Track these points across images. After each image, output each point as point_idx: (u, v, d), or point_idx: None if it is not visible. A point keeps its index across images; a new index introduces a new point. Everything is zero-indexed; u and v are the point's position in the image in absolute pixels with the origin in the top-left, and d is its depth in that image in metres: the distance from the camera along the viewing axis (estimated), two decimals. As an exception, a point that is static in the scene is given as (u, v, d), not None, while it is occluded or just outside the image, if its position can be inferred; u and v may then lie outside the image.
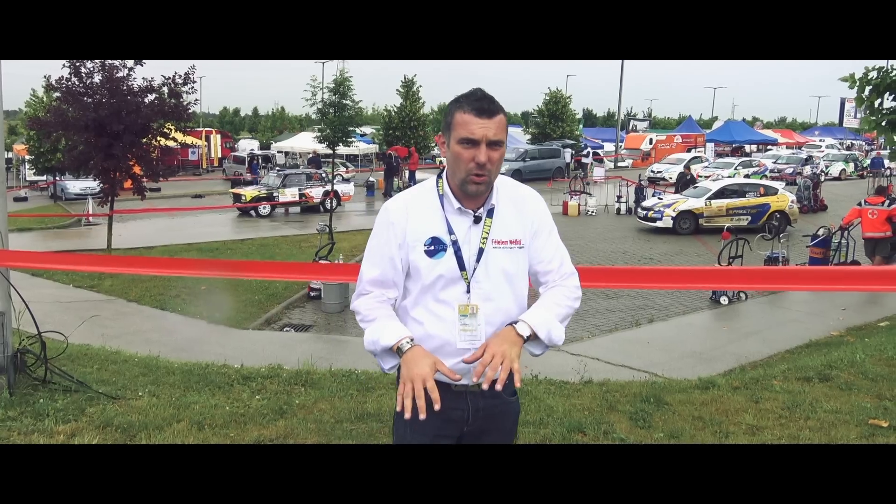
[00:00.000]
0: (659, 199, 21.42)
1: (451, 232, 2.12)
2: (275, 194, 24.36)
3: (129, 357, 6.37)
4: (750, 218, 19.46)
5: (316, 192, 24.88)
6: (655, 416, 4.87)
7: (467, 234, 2.12)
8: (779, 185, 22.04)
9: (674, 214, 19.55)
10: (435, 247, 2.11)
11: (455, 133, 2.06)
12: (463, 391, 2.15)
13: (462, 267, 2.11)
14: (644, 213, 20.45)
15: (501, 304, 2.13)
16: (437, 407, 1.89)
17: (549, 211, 2.30)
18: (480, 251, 2.12)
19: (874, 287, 7.55)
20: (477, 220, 2.13)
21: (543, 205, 2.27)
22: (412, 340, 2.04)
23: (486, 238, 2.12)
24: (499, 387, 1.92)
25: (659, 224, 19.63)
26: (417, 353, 2.00)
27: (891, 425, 4.64)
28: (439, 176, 2.20)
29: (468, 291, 2.11)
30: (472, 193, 2.09)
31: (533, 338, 2.06)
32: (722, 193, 20.13)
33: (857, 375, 5.85)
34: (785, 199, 19.90)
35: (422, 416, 1.89)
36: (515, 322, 2.07)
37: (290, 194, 24.47)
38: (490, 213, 2.14)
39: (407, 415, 1.90)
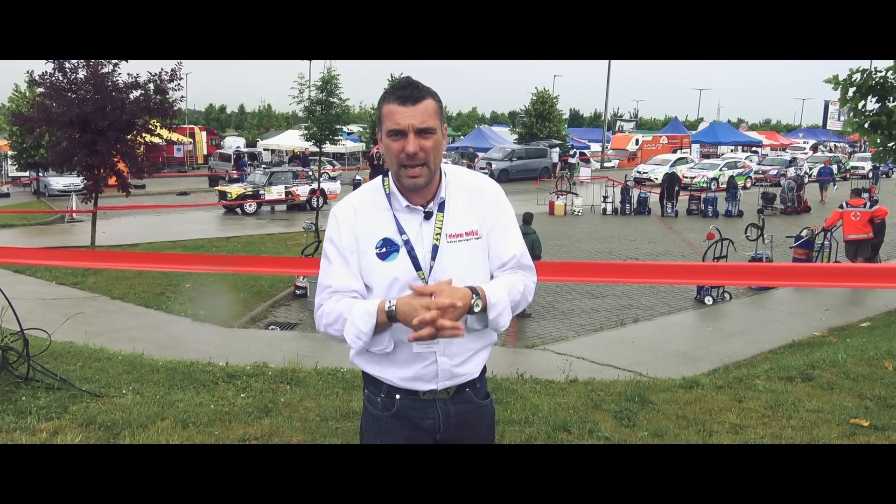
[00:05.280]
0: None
1: (401, 231, 2.02)
2: (261, 192, 24.25)
3: (112, 355, 6.32)
4: None
5: (302, 191, 24.81)
6: (640, 414, 4.90)
7: (419, 231, 2.03)
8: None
9: None
10: (387, 249, 2.01)
11: (384, 126, 1.98)
12: (432, 399, 2.07)
13: (417, 267, 2.00)
14: None
15: None
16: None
17: (508, 200, 2.18)
18: (435, 248, 2.02)
19: (858, 284, 7.63)
20: (428, 215, 2.03)
21: (500, 194, 2.15)
22: (391, 301, 1.92)
23: (440, 233, 2.02)
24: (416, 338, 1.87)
25: None
26: (404, 301, 1.91)
27: (871, 425, 4.69)
28: (385, 174, 2.10)
29: None
30: (409, 187, 2.00)
31: (481, 312, 1.96)
32: None
33: (838, 375, 5.91)
34: None
35: (459, 333, 1.87)
36: (474, 290, 1.94)
37: (276, 192, 24.37)
38: (441, 207, 2.05)
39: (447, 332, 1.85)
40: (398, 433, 2.08)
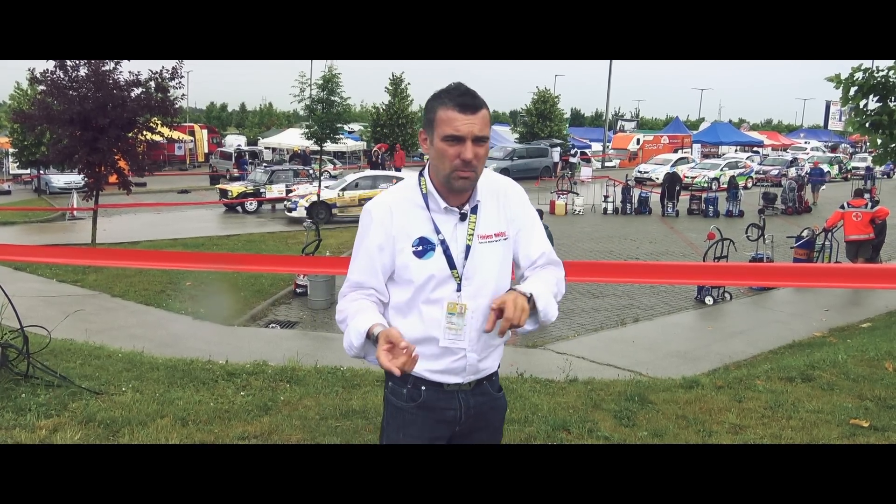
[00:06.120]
0: (295, 188, 23.23)
1: (437, 231, 2.10)
2: (262, 190, 24.27)
3: (112, 352, 6.32)
4: None
5: (303, 189, 24.81)
6: (640, 414, 4.90)
7: (454, 232, 2.11)
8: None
9: (307, 205, 20.92)
10: (423, 247, 2.09)
11: (439, 130, 2.03)
12: (455, 390, 2.15)
13: (452, 265, 2.09)
14: (285, 204, 22.18)
15: (491, 298, 2.08)
16: (414, 353, 1.90)
17: (530, 201, 2.29)
18: (468, 248, 2.10)
19: (859, 284, 7.63)
20: (463, 217, 2.12)
21: (524, 197, 2.27)
22: (383, 325, 2.00)
23: (472, 234, 2.11)
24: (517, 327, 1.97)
25: (294, 214, 20.93)
26: (381, 340, 1.95)
27: (871, 425, 4.69)
28: (421, 174, 2.17)
29: (459, 290, 2.09)
30: (459, 189, 2.07)
31: (531, 308, 2.04)
32: (355, 185, 21.85)
33: (838, 376, 5.91)
34: None
35: (409, 368, 1.90)
36: (515, 288, 2.05)
37: (277, 190, 24.39)
38: (475, 210, 2.13)
39: (399, 370, 1.88)
40: (422, 424, 2.15)
